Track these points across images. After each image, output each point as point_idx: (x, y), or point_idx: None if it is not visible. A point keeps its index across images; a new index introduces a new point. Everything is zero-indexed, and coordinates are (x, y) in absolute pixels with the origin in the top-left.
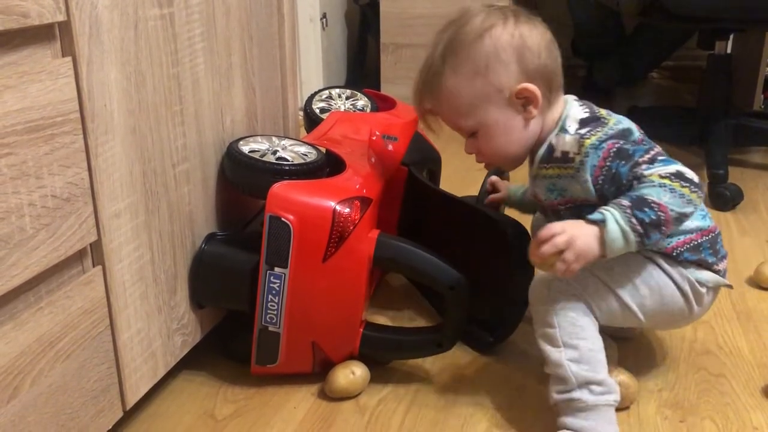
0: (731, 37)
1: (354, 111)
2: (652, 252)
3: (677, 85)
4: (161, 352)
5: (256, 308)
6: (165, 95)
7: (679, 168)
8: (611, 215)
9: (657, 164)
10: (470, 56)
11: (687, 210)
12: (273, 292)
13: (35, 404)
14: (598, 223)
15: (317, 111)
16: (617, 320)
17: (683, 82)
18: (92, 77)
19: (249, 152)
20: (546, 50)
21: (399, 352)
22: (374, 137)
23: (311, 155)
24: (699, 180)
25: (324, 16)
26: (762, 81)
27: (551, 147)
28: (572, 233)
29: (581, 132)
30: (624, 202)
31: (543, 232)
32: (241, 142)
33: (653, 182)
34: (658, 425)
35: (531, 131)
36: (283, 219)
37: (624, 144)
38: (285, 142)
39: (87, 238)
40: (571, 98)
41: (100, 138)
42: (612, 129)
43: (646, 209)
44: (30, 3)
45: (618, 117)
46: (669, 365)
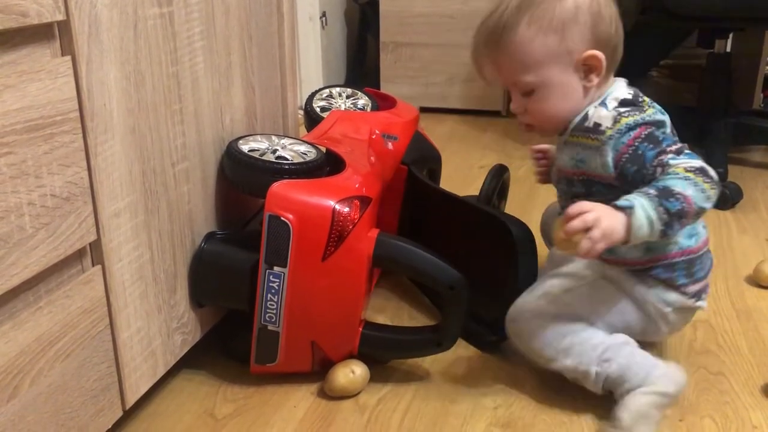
0: (731, 36)
1: (354, 110)
2: (618, 269)
3: (677, 84)
4: (161, 351)
5: (256, 307)
6: (164, 94)
7: (703, 164)
8: (639, 202)
9: (683, 156)
10: (549, 12)
11: (706, 205)
12: (272, 291)
13: (35, 404)
14: (626, 210)
15: (317, 110)
16: None
17: (683, 81)
18: (91, 76)
19: (248, 151)
20: (616, 22)
21: (398, 351)
22: (374, 136)
23: (311, 154)
24: (718, 177)
25: (323, 15)
26: (762, 80)
27: (586, 116)
28: (600, 212)
29: (620, 110)
30: (650, 191)
31: (573, 209)
32: (241, 141)
33: (678, 174)
34: (660, 425)
35: (586, 99)
36: (283, 218)
37: (657, 130)
38: (284, 141)
39: (86, 238)
40: (621, 80)
41: (100, 137)
42: (649, 116)
43: (672, 199)
44: (29, 2)
45: (657, 107)
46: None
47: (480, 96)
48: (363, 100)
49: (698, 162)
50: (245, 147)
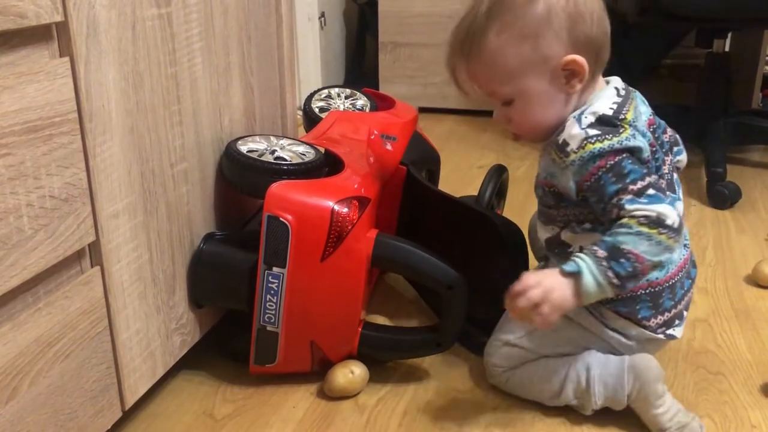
0: (729, 36)
1: (353, 110)
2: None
3: (676, 84)
4: (160, 352)
5: (255, 308)
6: (163, 95)
7: (662, 210)
8: (587, 267)
9: (642, 199)
10: (520, 18)
11: (663, 257)
12: (271, 292)
13: (34, 404)
14: (574, 275)
15: (316, 110)
16: None
17: (682, 81)
18: (90, 77)
19: (247, 152)
20: (598, 20)
21: (398, 352)
22: (373, 137)
23: (310, 155)
24: (680, 221)
25: (322, 15)
26: (760, 79)
27: (561, 129)
28: (546, 286)
29: (590, 132)
30: (600, 252)
31: (517, 286)
32: (240, 142)
33: (631, 228)
34: None
35: (570, 105)
36: (282, 219)
37: (624, 160)
38: (283, 142)
39: (85, 239)
40: (615, 82)
41: (98, 138)
42: (622, 143)
43: (623, 260)
44: (27, 3)
45: (635, 131)
46: (667, 363)
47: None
48: (362, 101)
49: (657, 207)
50: (244, 148)
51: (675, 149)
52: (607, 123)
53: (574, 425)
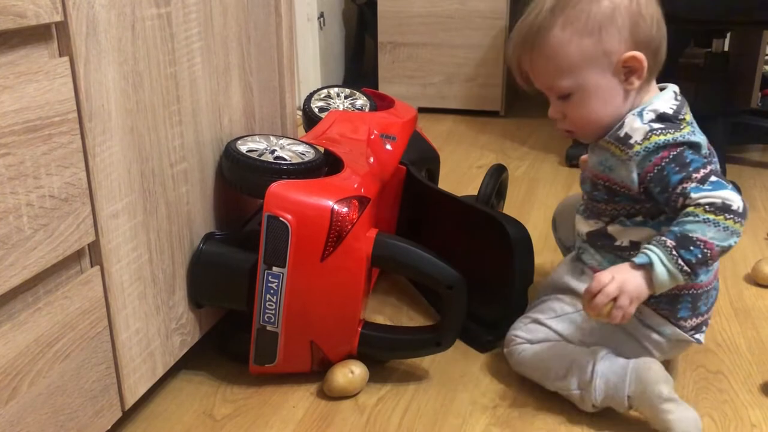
0: (728, 35)
1: (353, 110)
2: None
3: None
4: (160, 352)
5: (255, 308)
6: (162, 95)
7: (726, 195)
8: (657, 258)
9: (706, 186)
10: (585, 13)
11: (731, 242)
12: (271, 292)
13: (34, 405)
14: (645, 266)
15: (316, 110)
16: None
17: (680, 80)
18: (89, 77)
19: (247, 152)
20: (657, 22)
21: (397, 352)
22: (373, 136)
23: (309, 154)
24: (744, 207)
25: (321, 16)
26: (759, 78)
27: (621, 124)
28: (620, 279)
29: (654, 126)
30: (669, 242)
31: (593, 285)
32: (239, 142)
33: (698, 217)
34: None
35: (626, 104)
36: (281, 218)
37: (686, 150)
38: (283, 142)
39: (85, 239)
40: (672, 88)
41: (98, 138)
42: (682, 136)
43: (692, 248)
44: (27, 3)
45: (695, 128)
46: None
47: (478, 96)
48: (361, 101)
49: (722, 193)
50: (243, 147)
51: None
52: (668, 119)
53: (574, 425)
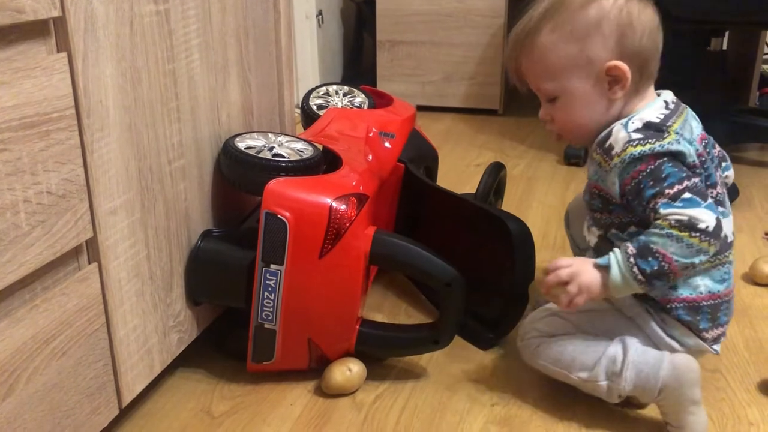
0: (726, 34)
1: (351, 108)
2: (637, 305)
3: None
4: (157, 350)
5: (252, 305)
6: (161, 92)
7: (695, 214)
8: (615, 261)
9: (677, 203)
10: (572, 19)
11: (696, 260)
12: (269, 289)
13: (31, 402)
14: (604, 267)
15: (314, 107)
16: None
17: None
18: (87, 73)
19: (245, 149)
20: (649, 35)
21: (395, 349)
22: (371, 134)
23: (307, 152)
24: (717, 226)
25: (320, 13)
26: (757, 77)
27: (608, 134)
28: (578, 268)
29: (633, 136)
30: (630, 249)
31: (551, 264)
32: (237, 139)
33: (662, 229)
34: (656, 421)
35: (610, 113)
36: (279, 216)
37: (665, 164)
38: (281, 139)
39: (82, 235)
40: (667, 96)
41: (96, 134)
42: (664, 146)
43: (650, 258)
44: None
45: (680, 136)
46: None
47: (477, 94)
48: (360, 98)
49: (691, 211)
50: (242, 144)
51: (723, 164)
52: (654, 128)
53: (571, 422)
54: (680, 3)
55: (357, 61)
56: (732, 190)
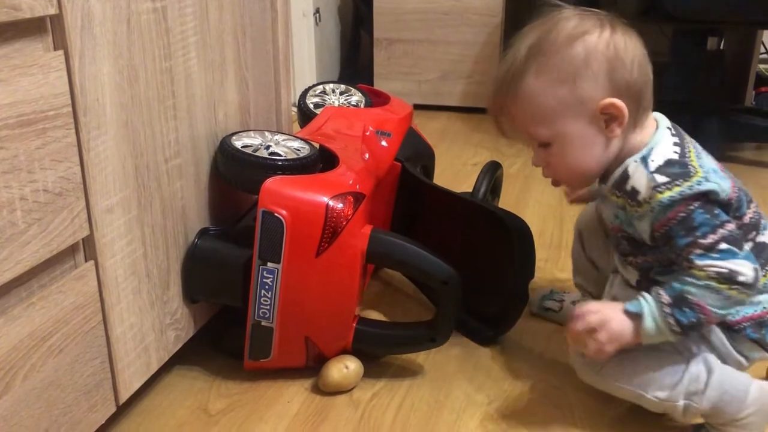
0: (723, 34)
1: (348, 106)
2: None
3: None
4: (154, 347)
5: (249, 303)
6: (158, 89)
7: (735, 266)
8: (649, 310)
9: (712, 254)
10: (558, 61)
11: (732, 310)
12: (266, 287)
13: (27, 399)
14: (635, 315)
15: (311, 106)
16: None
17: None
18: (84, 71)
19: (242, 147)
20: (639, 66)
21: (392, 347)
22: (368, 133)
23: (304, 150)
24: (756, 275)
25: (317, 11)
26: (753, 77)
27: (626, 175)
28: (607, 315)
29: (658, 180)
30: (664, 298)
31: (577, 310)
32: (234, 137)
33: (698, 280)
34: (650, 420)
35: (610, 151)
36: (276, 214)
37: (696, 210)
38: (278, 137)
39: (79, 233)
40: (664, 122)
41: (93, 132)
42: (693, 188)
43: (686, 309)
44: None
45: (707, 170)
46: None
47: (473, 93)
48: (356, 97)
49: (730, 264)
50: (238, 143)
51: None
52: (676, 166)
53: (568, 421)
54: (679, 2)
55: (354, 60)
56: None
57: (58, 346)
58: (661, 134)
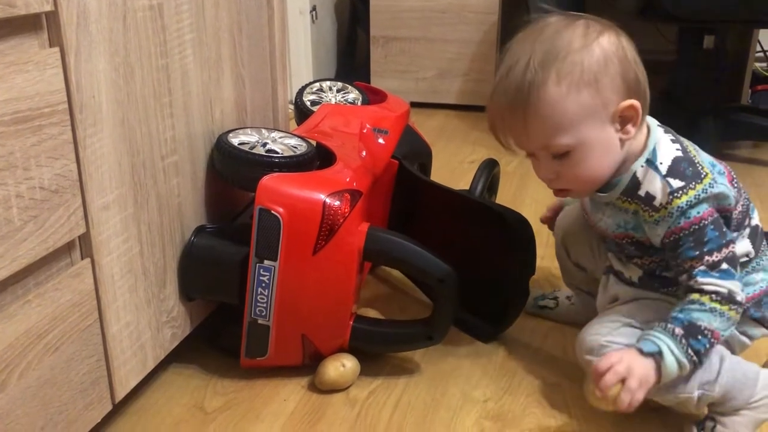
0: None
1: (345, 104)
2: None
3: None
4: (150, 345)
5: (246, 301)
6: (154, 87)
7: (732, 287)
8: (667, 347)
9: (714, 273)
10: (578, 65)
11: (731, 330)
12: (262, 285)
13: (23, 397)
14: (654, 355)
15: (308, 103)
16: None
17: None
18: (80, 68)
19: (238, 144)
20: (638, 64)
21: (389, 345)
22: (365, 130)
23: (301, 148)
24: (744, 296)
25: (314, 9)
26: (749, 75)
27: (636, 181)
28: (630, 361)
29: (674, 186)
30: (677, 331)
31: (600, 364)
32: (231, 135)
33: (704, 306)
34: (645, 414)
35: (622, 153)
36: (273, 211)
37: (707, 226)
38: (275, 135)
39: (75, 231)
40: (653, 121)
41: (89, 130)
42: (707, 190)
43: (700, 337)
44: None
45: (714, 171)
46: None
47: (470, 91)
48: (353, 94)
49: (729, 284)
50: (235, 140)
51: None
52: (684, 165)
53: (564, 418)
54: (678, 1)
55: (351, 57)
56: None
57: (54, 344)
58: (657, 134)
